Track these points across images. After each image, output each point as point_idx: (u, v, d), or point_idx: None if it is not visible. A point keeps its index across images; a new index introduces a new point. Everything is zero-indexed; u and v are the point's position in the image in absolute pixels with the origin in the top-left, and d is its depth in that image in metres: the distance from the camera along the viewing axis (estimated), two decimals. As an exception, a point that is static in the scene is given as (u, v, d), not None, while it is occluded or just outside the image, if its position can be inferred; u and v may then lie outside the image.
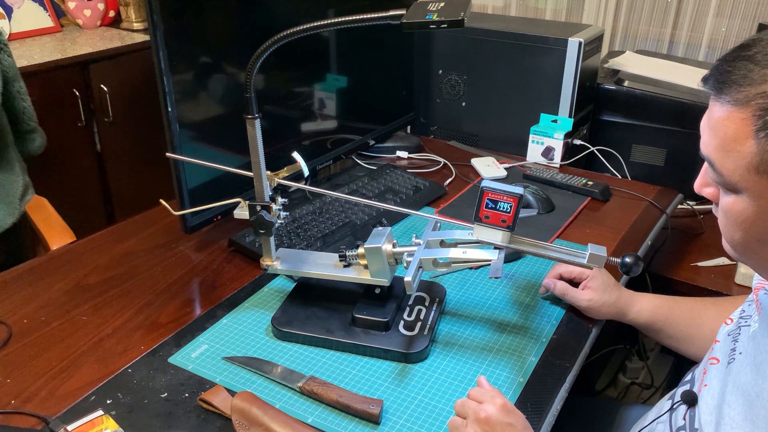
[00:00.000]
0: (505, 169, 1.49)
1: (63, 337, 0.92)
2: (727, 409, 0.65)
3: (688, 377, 0.80)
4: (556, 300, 1.02)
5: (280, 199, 0.93)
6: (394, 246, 0.89)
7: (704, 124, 0.64)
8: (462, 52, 1.64)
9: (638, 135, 1.60)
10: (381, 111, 1.54)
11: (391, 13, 0.75)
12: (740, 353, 0.69)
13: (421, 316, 0.94)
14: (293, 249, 1.07)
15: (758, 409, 0.63)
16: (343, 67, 1.38)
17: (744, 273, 1.23)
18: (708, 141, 0.63)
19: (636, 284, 1.14)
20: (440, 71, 1.69)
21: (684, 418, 0.73)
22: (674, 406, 0.77)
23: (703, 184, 0.69)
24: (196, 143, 1.09)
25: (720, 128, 0.60)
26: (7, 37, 1.73)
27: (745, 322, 0.73)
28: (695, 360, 0.98)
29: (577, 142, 1.56)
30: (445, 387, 0.85)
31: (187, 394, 0.82)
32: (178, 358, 0.88)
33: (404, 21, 0.74)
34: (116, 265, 1.10)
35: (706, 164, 0.67)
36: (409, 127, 1.70)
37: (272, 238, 0.95)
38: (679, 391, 0.79)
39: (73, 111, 2.09)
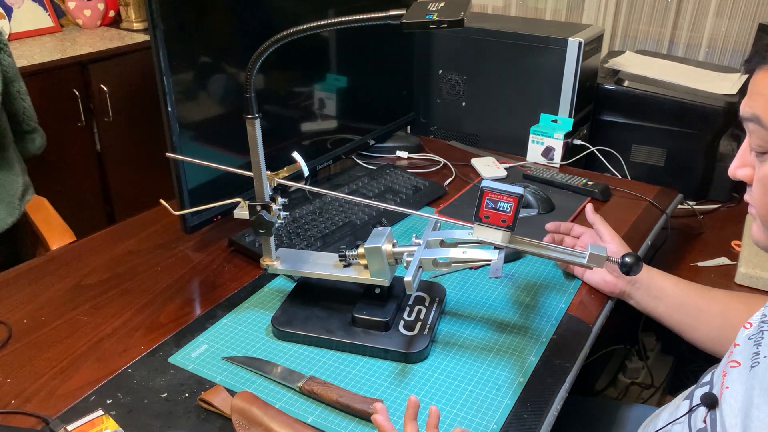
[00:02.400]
0: (505, 169, 1.49)
1: (63, 337, 0.92)
2: (756, 411, 0.65)
3: (707, 378, 0.79)
4: (556, 300, 1.02)
5: (280, 199, 0.93)
6: (394, 246, 0.89)
7: (750, 90, 0.68)
8: (462, 52, 1.64)
9: (638, 135, 1.60)
10: (381, 111, 1.54)
11: (391, 13, 0.75)
12: (765, 357, 0.69)
13: (421, 316, 0.94)
14: (293, 249, 1.07)
15: None
16: (343, 67, 1.38)
17: (744, 273, 1.23)
18: (753, 102, 0.67)
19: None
20: (440, 71, 1.69)
21: (704, 421, 0.72)
22: (693, 408, 0.76)
23: (739, 165, 0.71)
24: (196, 143, 1.09)
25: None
26: (7, 37, 1.73)
27: None
28: (699, 344, 0.97)
29: (577, 142, 1.56)
30: (445, 387, 0.85)
31: (187, 394, 0.82)
32: (178, 358, 0.88)
33: (404, 21, 0.74)
34: (116, 265, 1.10)
35: (742, 147, 0.70)
36: (409, 127, 1.70)
37: (272, 238, 0.95)
38: (698, 392, 0.78)
39: (73, 111, 2.09)
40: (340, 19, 0.78)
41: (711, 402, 0.72)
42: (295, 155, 0.95)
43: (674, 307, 0.99)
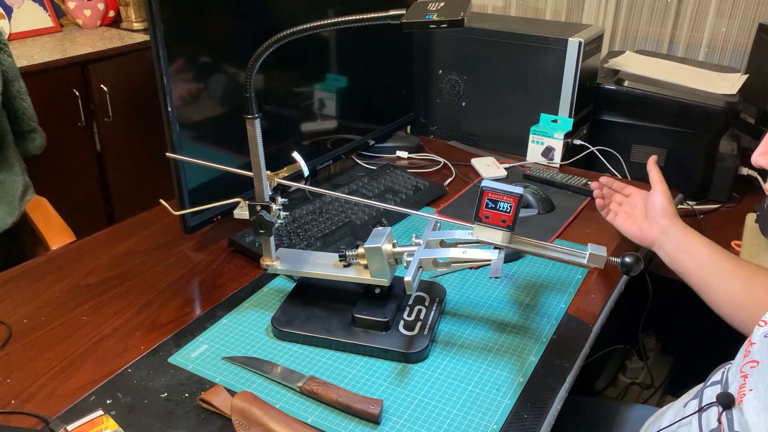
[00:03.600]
0: (505, 169, 1.49)
1: (63, 337, 0.92)
2: None
3: (717, 377, 0.79)
4: (556, 300, 1.02)
5: (280, 199, 0.93)
6: (394, 246, 0.89)
7: None
8: (462, 52, 1.64)
9: (638, 135, 1.60)
10: (381, 111, 1.55)
11: (391, 13, 0.75)
12: None
13: (421, 316, 0.94)
14: (293, 249, 1.07)
15: None
16: (343, 67, 1.38)
17: (744, 273, 1.23)
18: None
19: (636, 284, 1.14)
20: (440, 71, 1.69)
21: (719, 420, 0.72)
22: (704, 408, 0.76)
23: (762, 152, 0.75)
24: (196, 143, 1.09)
25: None
26: (7, 37, 1.73)
27: None
28: (716, 307, 0.97)
29: (577, 142, 1.56)
30: (445, 387, 0.85)
31: (187, 394, 0.82)
32: (178, 358, 0.88)
33: (404, 21, 0.74)
34: (116, 265, 1.10)
35: (766, 135, 0.74)
36: (409, 127, 1.70)
37: (272, 238, 0.95)
38: (708, 391, 0.78)
39: (73, 111, 2.09)
40: (340, 19, 0.78)
41: (727, 401, 0.72)
42: (295, 155, 0.95)
43: (702, 264, 0.99)
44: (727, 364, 0.80)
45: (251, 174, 0.91)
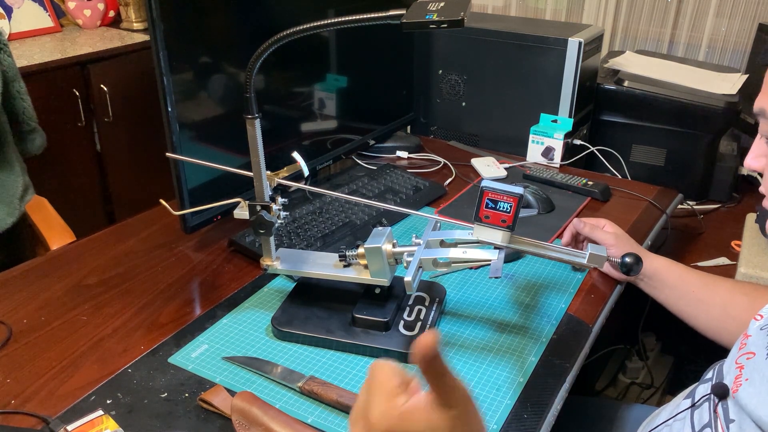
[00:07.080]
0: (505, 169, 1.49)
1: (63, 337, 0.92)
2: None
3: (708, 375, 0.80)
4: (556, 300, 1.02)
5: (280, 199, 0.93)
6: (394, 246, 0.89)
7: (762, 86, 0.73)
8: (462, 52, 1.64)
9: (638, 135, 1.60)
10: (381, 111, 1.54)
11: (391, 13, 0.75)
12: None
13: (421, 316, 0.94)
14: (293, 249, 1.07)
15: None
16: (343, 67, 1.38)
17: (744, 273, 1.23)
18: (763, 95, 0.72)
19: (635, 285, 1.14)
20: (440, 71, 1.69)
21: (715, 411, 0.73)
22: (697, 403, 0.77)
23: (753, 156, 0.76)
24: (196, 143, 1.09)
25: None
26: (7, 37, 1.73)
27: None
28: (700, 331, 0.99)
29: (577, 142, 1.56)
30: (445, 387, 0.84)
31: (187, 394, 0.82)
32: (178, 358, 0.88)
33: (404, 21, 0.74)
34: (116, 265, 1.10)
35: (756, 139, 0.76)
36: (409, 127, 1.70)
37: (272, 238, 0.95)
38: (700, 388, 0.78)
39: (73, 111, 2.09)
40: (340, 19, 0.78)
41: (722, 392, 0.73)
42: (295, 155, 0.95)
43: (674, 298, 1.01)
44: (718, 362, 0.80)
45: (251, 174, 0.91)
